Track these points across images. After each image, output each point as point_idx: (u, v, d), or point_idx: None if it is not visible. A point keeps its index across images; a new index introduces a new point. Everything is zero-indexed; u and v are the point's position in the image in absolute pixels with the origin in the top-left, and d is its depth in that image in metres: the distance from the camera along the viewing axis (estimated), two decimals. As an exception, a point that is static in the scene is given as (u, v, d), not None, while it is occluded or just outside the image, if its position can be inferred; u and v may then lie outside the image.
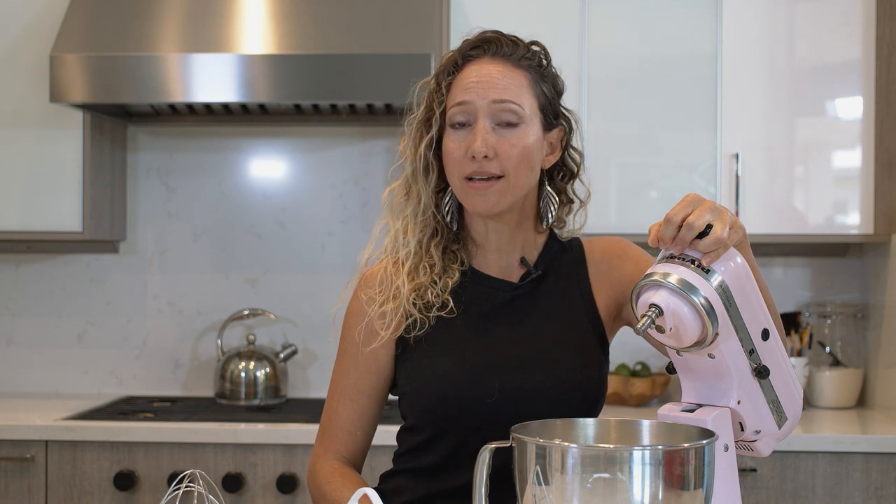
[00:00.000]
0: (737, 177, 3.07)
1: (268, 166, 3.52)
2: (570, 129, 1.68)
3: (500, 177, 1.58)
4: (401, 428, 1.72)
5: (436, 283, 1.63)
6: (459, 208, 1.68)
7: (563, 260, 1.70)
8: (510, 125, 1.59)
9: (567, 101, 1.71)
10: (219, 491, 2.76)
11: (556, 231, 1.73)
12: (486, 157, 1.57)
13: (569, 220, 1.72)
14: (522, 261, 1.67)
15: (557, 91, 1.67)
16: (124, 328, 3.50)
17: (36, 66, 3.14)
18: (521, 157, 1.58)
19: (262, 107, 3.26)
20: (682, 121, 3.11)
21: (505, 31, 1.68)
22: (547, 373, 1.60)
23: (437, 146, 1.64)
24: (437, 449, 1.63)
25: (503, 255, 1.67)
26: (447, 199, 1.67)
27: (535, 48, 1.66)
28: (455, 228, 1.68)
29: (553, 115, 1.65)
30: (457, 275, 1.64)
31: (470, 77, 1.60)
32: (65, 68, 2.93)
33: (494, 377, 1.59)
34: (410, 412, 1.67)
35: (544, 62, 1.65)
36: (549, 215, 1.68)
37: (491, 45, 1.63)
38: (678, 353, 1.36)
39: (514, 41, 1.64)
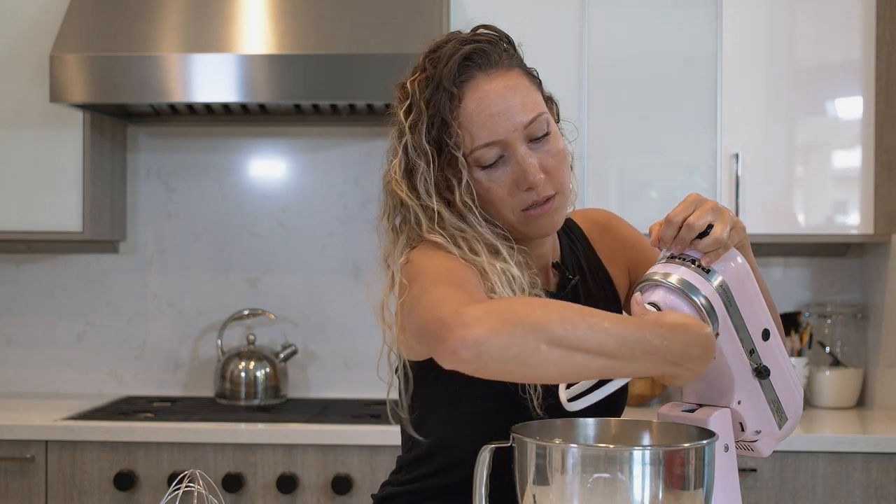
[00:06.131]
0: (737, 177, 3.07)
1: (268, 166, 3.52)
2: (554, 102, 1.57)
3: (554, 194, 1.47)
4: (411, 453, 1.57)
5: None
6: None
7: (576, 249, 1.64)
8: (541, 137, 1.47)
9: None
10: (219, 491, 2.76)
11: None
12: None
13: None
14: (555, 265, 1.58)
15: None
16: (124, 328, 3.50)
17: (36, 66, 3.14)
18: (562, 163, 1.48)
19: (262, 107, 3.26)
20: (682, 121, 3.11)
21: (505, 31, 1.54)
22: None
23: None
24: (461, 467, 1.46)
25: (540, 259, 1.57)
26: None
27: (505, 43, 1.51)
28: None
29: (546, 97, 1.54)
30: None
31: (481, 108, 1.44)
32: (65, 68, 2.92)
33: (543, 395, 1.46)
34: (454, 422, 1.51)
35: (515, 50, 1.53)
36: None
37: (476, 58, 1.46)
38: (678, 353, 1.36)
39: (490, 41, 1.48)
